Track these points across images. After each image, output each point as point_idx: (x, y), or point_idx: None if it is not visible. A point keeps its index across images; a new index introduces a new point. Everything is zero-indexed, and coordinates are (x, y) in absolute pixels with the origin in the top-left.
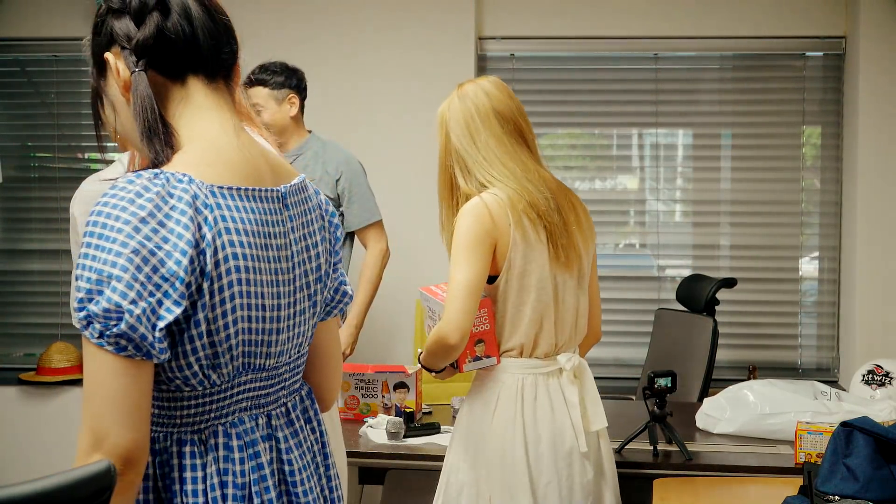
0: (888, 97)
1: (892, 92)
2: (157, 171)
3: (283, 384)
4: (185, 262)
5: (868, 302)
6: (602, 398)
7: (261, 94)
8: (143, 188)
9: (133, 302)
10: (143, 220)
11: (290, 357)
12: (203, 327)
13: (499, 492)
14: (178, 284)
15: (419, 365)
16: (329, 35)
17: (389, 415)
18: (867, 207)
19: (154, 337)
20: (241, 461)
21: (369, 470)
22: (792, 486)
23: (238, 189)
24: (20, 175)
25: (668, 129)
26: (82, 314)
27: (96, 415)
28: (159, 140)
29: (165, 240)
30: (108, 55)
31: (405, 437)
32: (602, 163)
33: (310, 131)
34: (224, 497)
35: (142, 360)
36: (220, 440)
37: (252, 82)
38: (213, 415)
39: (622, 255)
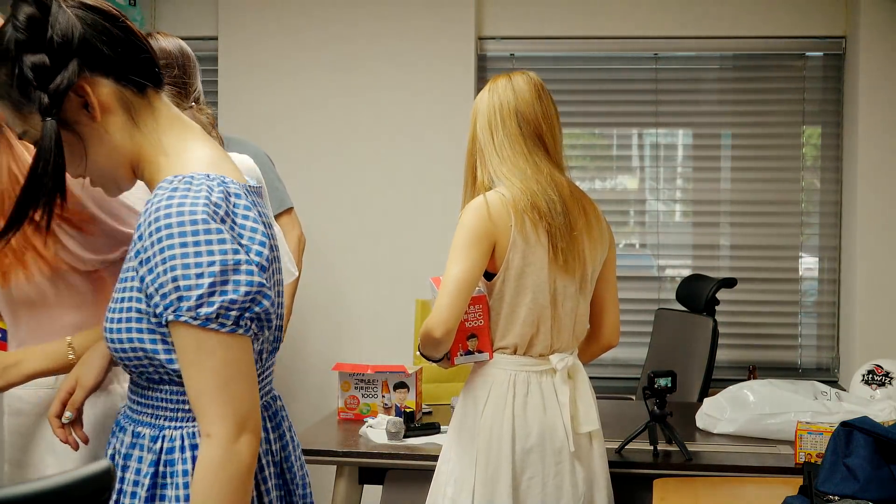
0: (888, 97)
1: (892, 92)
2: (204, 173)
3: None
4: (266, 252)
5: (868, 302)
6: (602, 398)
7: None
8: (208, 188)
9: (265, 279)
10: (222, 219)
11: None
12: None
13: (481, 484)
14: (261, 274)
15: (419, 353)
16: (328, 35)
17: (389, 415)
18: (867, 207)
19: (275, 312)
20: (275, 441)
21: (369, 470)
22: (792, 486)
23: (251, 187)
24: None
25: (668, 129)
26: (213, 308)
27: (238, 399)
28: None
29: (241, 235)
30: (83, 83)
31: (405, 437)
32: (602, 163)
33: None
34: (270, 476)
35: (249, 337)
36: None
37: None
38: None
39: (622, 255)
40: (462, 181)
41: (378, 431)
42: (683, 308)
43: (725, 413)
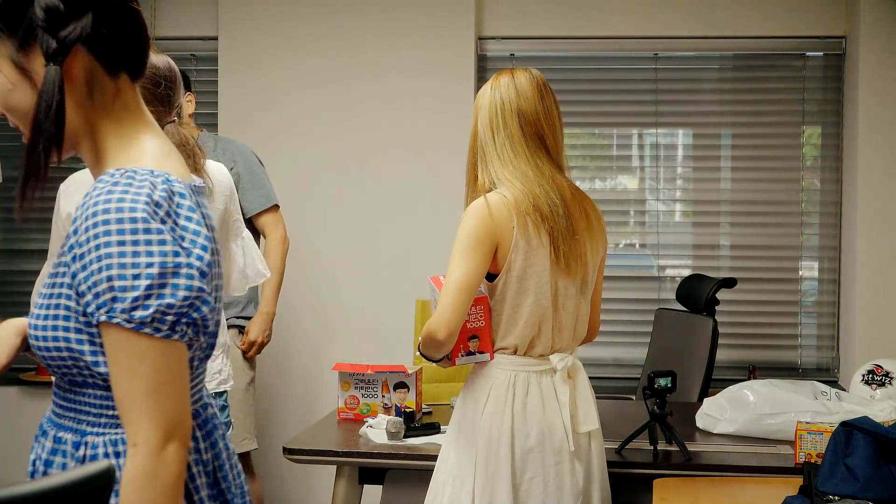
0: (888, 97)
1: (892, 92)
2: (149, 168)
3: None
4: (208, 256)
5: (868, 302)
6: (602, 398)
7: None
8: (151, 185)
9: (204, 285)
10: (163, 220)
11: None
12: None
13: (480, 484)
14: (201, 277)
15: (419, 353)
16: (328, 35)
17: (389, 415)
18: (867, 207)
19: (213, 318)
20: (206, 450)
21: (369, 470)
22: (792, 486)
23: (195, 186)
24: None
25: (668, 129)
26: (149, 311)
27: (167, 406)
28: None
29: (182, 237)
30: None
31: (405, 437)
32: (602, 163)
33: (201, 130)
34: (201, 486)
35: (185, 343)
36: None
37: None
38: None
39: (622, 255)
40: (463, 178)
41: (378, 431)
42: (683, 308)
43: (725, 413)
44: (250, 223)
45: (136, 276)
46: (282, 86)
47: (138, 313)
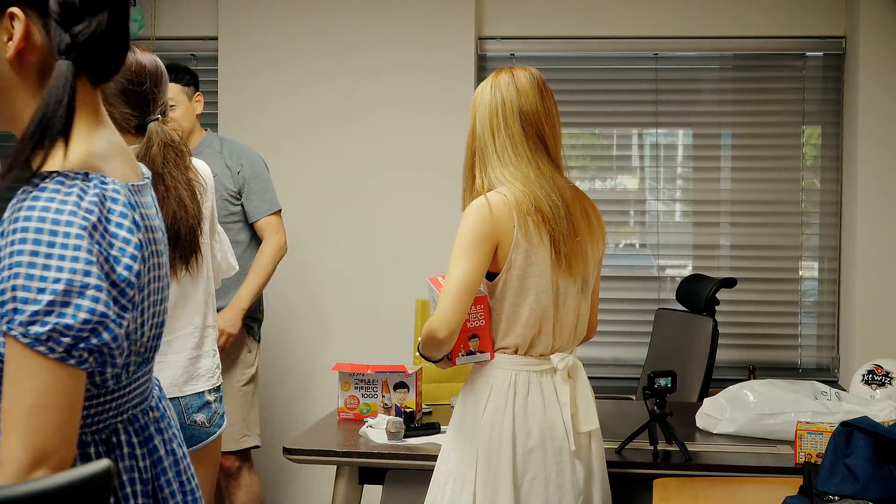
0: (888, 97)
1: (892, 92)
2: (80, 172)
3: (151, 376)
4: (136, 266)
5: (868, 302)
6: (602, 398)
7: (174, 89)
8: (81, 191)
9: (111, 311)
10: (94, 226)
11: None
12: (128, 328)
13: (482, 484)
14: (128, 290)
15: (418, 353)
16: (328, 35)
17: (389, 415)
18: (867, 207)
19: (118, 347)
20: (143, 457)
21: (369, 470)
22: (792, 486)
23: (135, 185)
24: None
25: (668, 129)
26: (45, 329)
27: (46, 431)
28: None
29: (111, 245)
30: (14, 10)
31: (405, 437)
32: (602, 163)
33: (206, 130)
34: (134, 494)
35: (83, 370)
36: (122, 437)
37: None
38: (111, 413)
39: (622, 255)
40: (461, 178)
41: (378, 431)
42: (683, 308)
43: (725, 413)
44: (251, 227)
45: (40, 290)
46: (282, 86)
47: (34, 329)
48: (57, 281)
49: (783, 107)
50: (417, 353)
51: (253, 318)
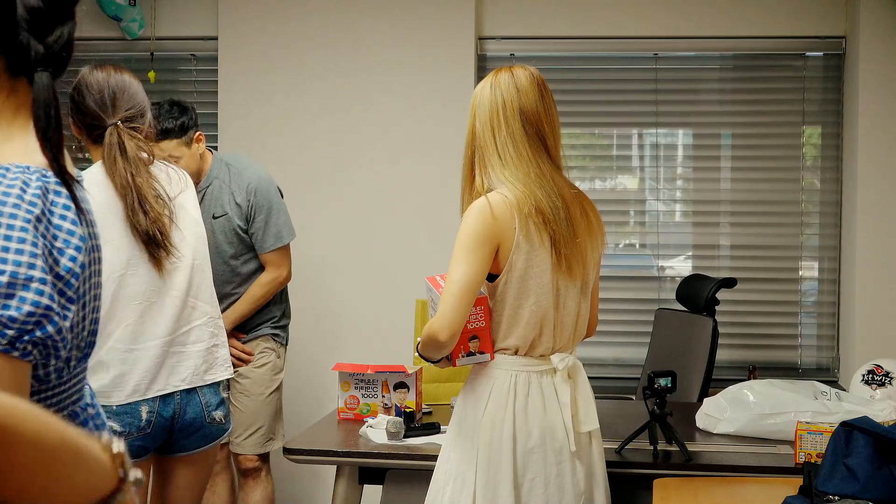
0: (888, 97)
1: (892, 92)
2: (21, 165)
3: (86, 373)
4: (81, 258)
5: (868, 302)
6: (602, 398)
7: (171, 146)
8: (24, 183)
9: (56, 304)
10: (38, 218)
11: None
12: (72, 320)
13: (482, 484)
14: (72, 282)
15: (417, 353)
16: (328, 35)
17: (389, 415)
18: (867, 207)
19: (62, 339)
20: None
21: (369, 470)
22: (792, 486)
23: (74, 178)
24: None
25: (668, 129)
26: None
27: None
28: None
29: (55, 237)
30: None
31: (405, 437)
32: (602, 163)
33: (212, 153)
34: None
35: (28, 363)
36: None
37: (157, 136)
38: (53, 409)
39: (622, 255)
40: (460, 177)
41: (378, 431)
42: (683, 308)
43: (725, 413)
44: (257, 257)
45: None
46: (282, 86)
47: None
48: (1, 273)
49: (783, 107)
50: (416, 354)
51: (277, 326)
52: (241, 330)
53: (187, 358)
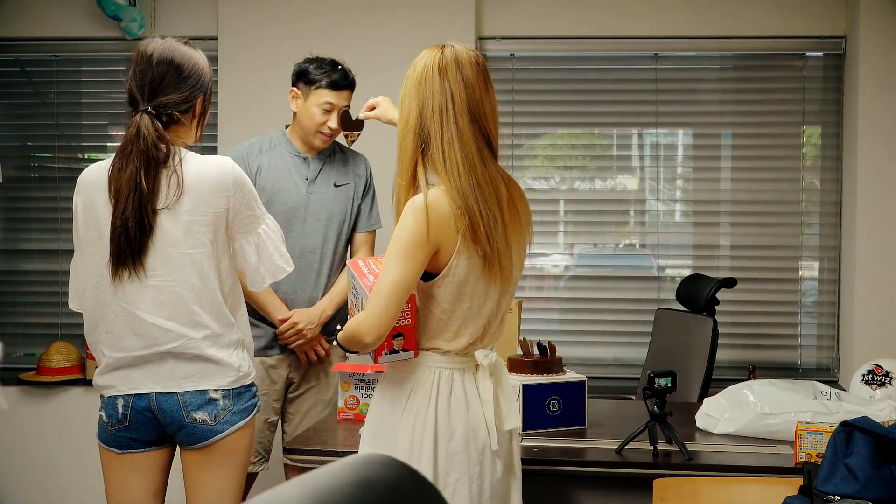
0: (888, 97)
1: (892, 92)
2: None
3: None
4: None
5: (868, 302)
6: (602, 398)
7: (348, 96)
8: None
9: None
10: None
11: None
12: None
13: None
14: None
15: (336, 342)
16: (328, 35)
17: None
18: (867, 207)
19: None
20: None
21: None
22: (792, 486)
23: None
24: (20, 175)
25: (668, 129)
26: None
27: None
28: None
29: None
30: None
31: None
32: (602, 163)
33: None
34: None
35: None
36: None
37: (350, 84)
38: None
39: (622, 255)
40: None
41: None
42: (683, 308)
43: (725, 413)
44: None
45: None
46: (282, 86)
47: None
48: None
49: (783, 107)
50: (335, 342)
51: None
52: (326, 332)
53: (161, 368)
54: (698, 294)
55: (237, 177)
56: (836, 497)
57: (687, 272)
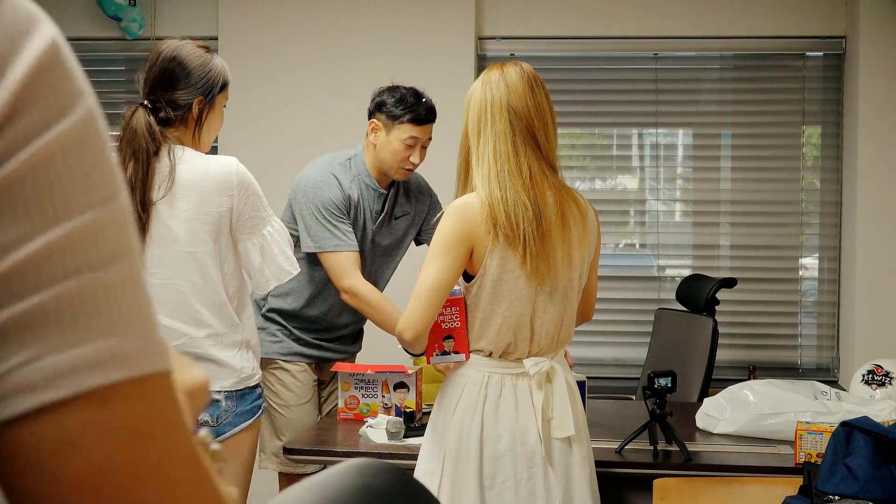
0: (888, 97)
1: (892, 92)
2: None
3: None
4: None
5: (868, 302)
6: (602, 398)
7: (431, 129)
8: None
9: None
10: None
11: None
12: None
13: (448, 485)
14: None
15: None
16: (328, 35)
17: (389, 415)
18: (867, 207)
19: None
20: None
21: None
22: (792, 486)
23: None
24: None
25: (668, 129)
26: None
27: None
28: None
29: None
30: None
31: (405, 437)
32: (602, 163)
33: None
34: None
35: None
36: None
37: (434, 118)
38: None
39: (622, 255)
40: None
41: (378, 431)
42: (683, 308)
43: (725, 413)
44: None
45: None
46: (281, 86)
47: None
48: None
49: (783, 107)
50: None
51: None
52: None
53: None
54: (698, 294)
55: (241, 177)
56: (836, 497)
57: (687, 272)
